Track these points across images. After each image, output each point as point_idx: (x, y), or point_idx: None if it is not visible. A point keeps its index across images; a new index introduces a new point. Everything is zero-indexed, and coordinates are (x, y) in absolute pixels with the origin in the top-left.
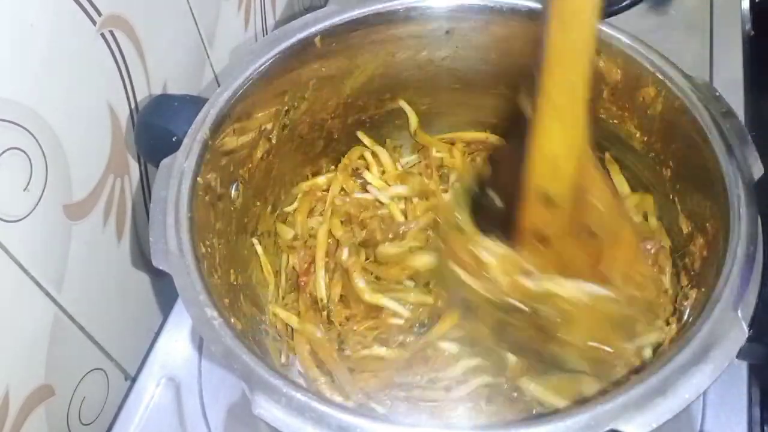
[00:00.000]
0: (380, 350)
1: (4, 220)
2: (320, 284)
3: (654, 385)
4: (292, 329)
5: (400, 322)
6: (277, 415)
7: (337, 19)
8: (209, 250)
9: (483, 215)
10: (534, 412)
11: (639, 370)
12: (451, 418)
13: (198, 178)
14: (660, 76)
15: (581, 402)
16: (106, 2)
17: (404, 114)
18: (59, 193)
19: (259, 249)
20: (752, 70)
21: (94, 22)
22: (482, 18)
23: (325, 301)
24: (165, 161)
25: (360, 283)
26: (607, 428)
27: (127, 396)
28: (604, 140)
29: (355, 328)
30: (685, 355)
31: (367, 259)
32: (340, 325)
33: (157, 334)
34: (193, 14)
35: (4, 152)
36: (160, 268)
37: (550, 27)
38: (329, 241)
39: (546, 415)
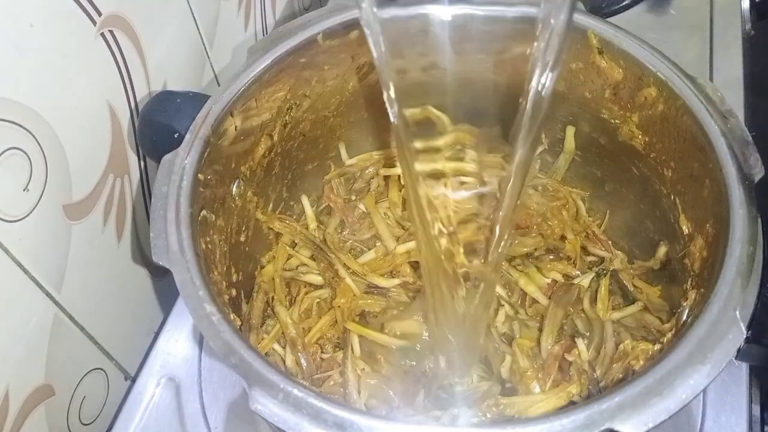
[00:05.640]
0: None
1: (4, 220)
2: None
3: (651, 384)
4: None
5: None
6: (274, 410)
7: (339, 18)
8: (210, 246)
9: None
10: None
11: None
12: None
13: (199, 175)
14: (662, 77)
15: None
16: (106, 2)
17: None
18: (59, 193)
19: None
20: (752, 70)
21: (94, 22)
22: (486, 22)
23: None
24: (166, 157)
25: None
26: (603, 427)
27: (127, 396)
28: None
29: None
30: (683, 355)
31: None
32: None
33: (157, 334)
34: (193, 14)
35: (4, 152)
36: (161, 263)
37: None
38: None
39: (544, 414)
